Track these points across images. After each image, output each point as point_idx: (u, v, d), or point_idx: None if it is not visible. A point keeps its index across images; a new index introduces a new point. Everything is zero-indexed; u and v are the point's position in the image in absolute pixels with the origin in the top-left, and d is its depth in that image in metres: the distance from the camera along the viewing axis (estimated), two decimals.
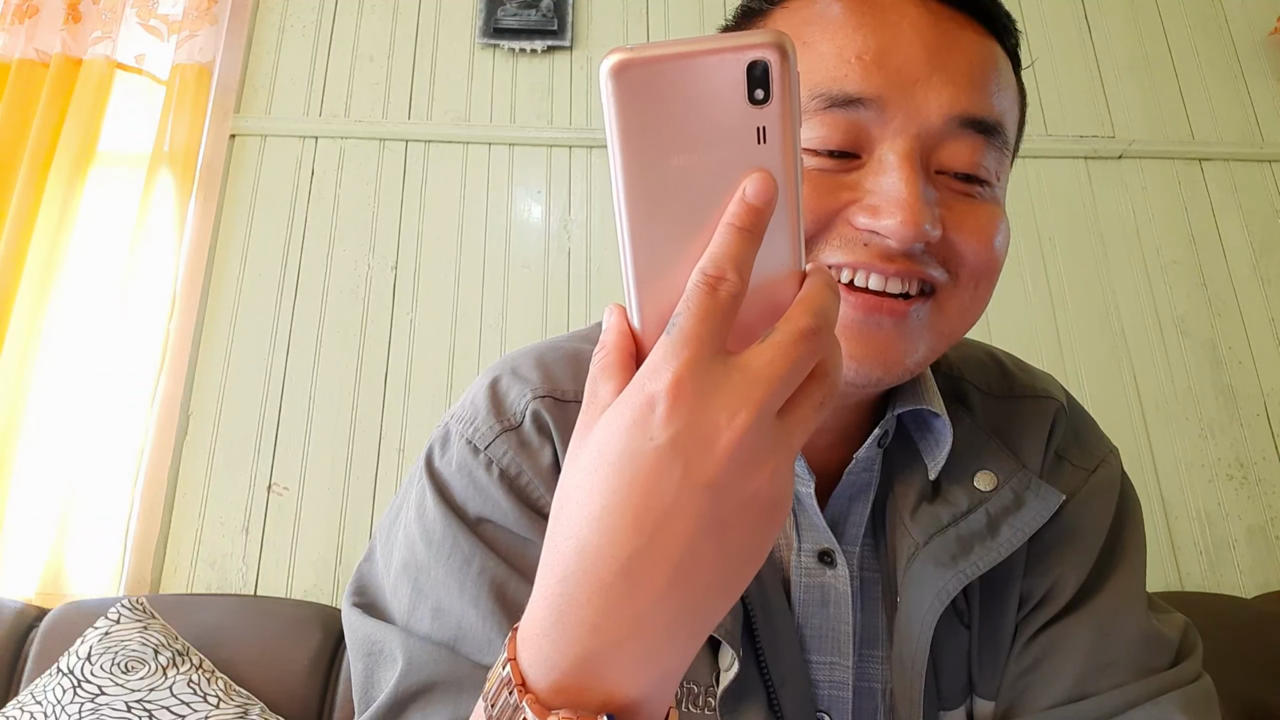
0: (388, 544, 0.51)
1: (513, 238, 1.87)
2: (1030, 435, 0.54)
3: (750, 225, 0.28)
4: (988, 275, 0.45)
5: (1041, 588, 0.50)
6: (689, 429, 0.27)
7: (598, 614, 0.28)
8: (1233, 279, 1.90)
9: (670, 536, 0.28)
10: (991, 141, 0.44)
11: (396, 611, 0.47)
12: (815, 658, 0.49)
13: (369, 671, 0.46)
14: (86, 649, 1.30)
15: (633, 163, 0.28)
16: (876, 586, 0.50)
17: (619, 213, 0.29)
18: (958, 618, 0.50)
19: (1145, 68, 2.05)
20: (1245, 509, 1.74)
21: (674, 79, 0.27)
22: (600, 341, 0.31)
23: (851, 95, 0.42)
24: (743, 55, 0.27)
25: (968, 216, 0.44)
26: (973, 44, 0.44)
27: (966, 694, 0.49)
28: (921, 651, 0.47)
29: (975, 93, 0.43)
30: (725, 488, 0.28)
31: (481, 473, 0.48)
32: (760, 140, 0.28)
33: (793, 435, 0.29)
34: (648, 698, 0.30)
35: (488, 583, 0.45)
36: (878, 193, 0.41)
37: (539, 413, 0.50)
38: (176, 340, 1.74)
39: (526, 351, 0.54)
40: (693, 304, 0.28)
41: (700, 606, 0.29)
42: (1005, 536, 0.48)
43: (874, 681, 0.49)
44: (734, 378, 0.28)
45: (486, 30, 1.98)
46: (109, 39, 1.88)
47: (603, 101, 0.28)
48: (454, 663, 0.44)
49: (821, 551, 0.50)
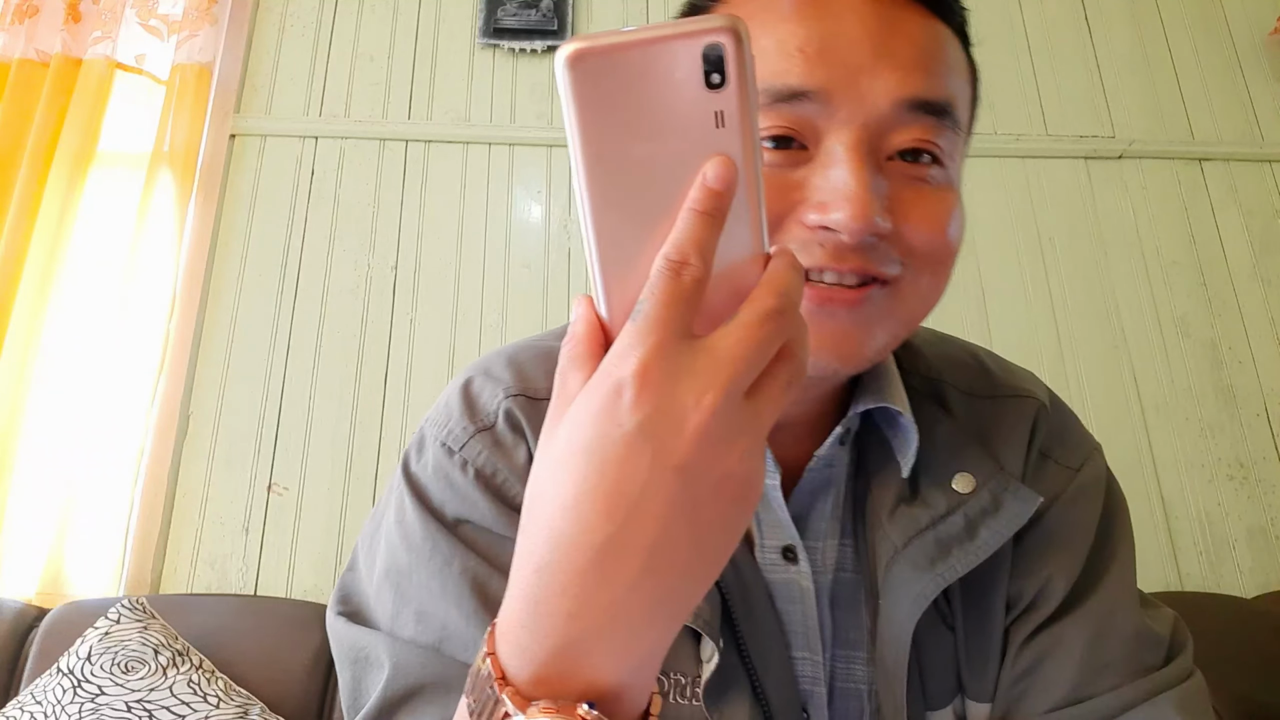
0: (370, 552, 0.51)
1: (513, 238, 1.87)
2: (1011, 436, 0.53)
3: (712, 209, 0.28)
4: (943, 262, 0.45)
5: (1031, 590, 0.50)
6: (657, 413, 0.27)
7: (574, 602, 0.28)
8: (1233, 279, 1.90)
9: (643, 521, 0.28)
10: (943, 122, 0.43)
11: (381, 617, 0.47)
12: (796, 653, 0.49)
13: (356, 678, 0.46)
14: (86, 649, 1.30)
15: (593, 152, 0.28)
16: (859, 588, 0.50)
17: (581, 203, 0.29)
18: (941, 619, 0.49)
19: (1145, 68, 2.05)
20: (1245, 509, 1.74)
21: (630, 67, 0.27)
22: (568, 332, 0.31)
23: (795, 89, 0.41)
24: (697, 40, 0.27)
25: (918, 205, 0.43)
26: (917, 27, 0.44)
27: (954, 694, 0.49)
28: (902, 654, 0.47)
29: (924, 76, 0.42)
30: (696, 469, 0.28)
31: (457, 474, 0.49)
32: (719, 124, 0.28)
33: (762, 415, 0.29)
34: (628, 684, 0.30)
35: (469, 582, 0.45)
36: (825, 188, 0.41)
37: (512, 411, 0.50)
38: (176, 340, 1.74)
39: (500, 352, 0.55)
40: (657, 289, 0.28)
41: (676, 590, 0.29)
42: (983, 539, 0.47)
43: (859, 683, 0.49)
44: (700, 360, 0.28)
45: (486, 30, 1.98)
46: (109, 39, 1.88)
47: (560, 92, 0.28)
48: (440, 664, 0.44)
49: (784, 547, 0.49)
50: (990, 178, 1.95)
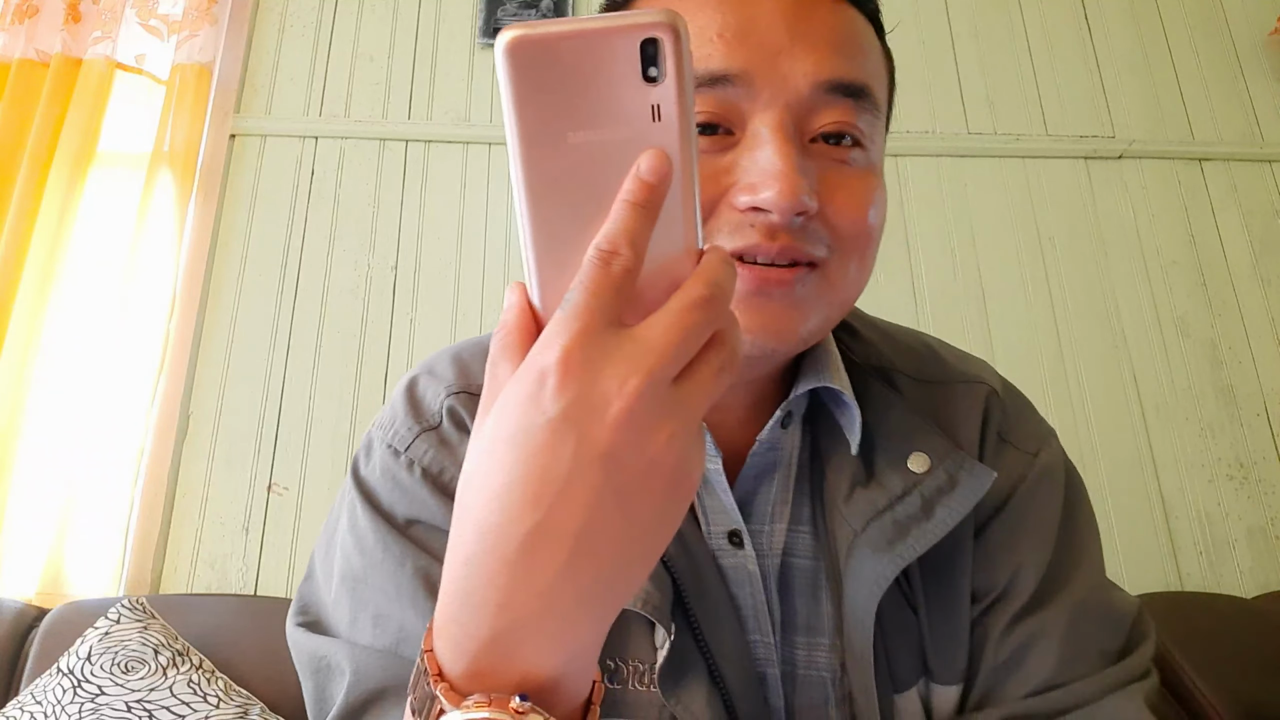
0: (326, 560, 0.51)
1: (513, 238, 1.87)
2: (963, 419, 0.53)
3: (645, 201, 0.28)
4: (867, 245, 0.46)
5: (1003, 578, 0.50)
6: (580, 399, 0.27)
7: (502, 592, 0.28)
8: (1233, 279, 1.90)
9: (568, 508, 0.27)
10: (861, 104, 0.44)
11: (339, 624, 0.47)
12: (750, 635, 0.49)
13: (319, 688, 0.46)
14: (86, 649, 1.30)
15: (529, 140, 0.28)
16: (820, 574, 0.50)
17: (517, 191, 0.29)
18: (905, 601, 0.49)
19: (1145, 68, 2.05)
20: (1245, 509, 1.74)
21: (568, 56, 0.27)
22: (500, 321, 0.31)
23: (717, 73, 0.42)
24: (635, 34, 0.27)
25: (841, 188, 0.44)
26: (830, 12, 0.45)
27: (918, 677, 0.49)
28: (866, 635, 0.47)
29: (839, 58, 0.43)
30: (620, 456, 0.27)
31: (404, 474, 0.49)
32: (655, 118, 0.28)
33: (690, 400, 0.29)
34: (563, 674, 0.30)
35: (423, 582, 0.45)
36: (753, 168, 0.41)
37: (454, 409, 0.50)
38: (176, 340, 1.74)
39: (444, 350, 0.55)
40: (586, 279, 0.28)
41: (608, 578, 0.29)
42: (940, 517, 0.47)
43: (821, 670, 0.49)
44: (626, 348, 0.28)
45: (486, 30, 1.98)
46: (109, 39, 1.88)
47: (498, 79, 0.28)
48: (400, 666, 0.44)
49: (730, 532, 0.49)
50: (990, 178, 1.95)
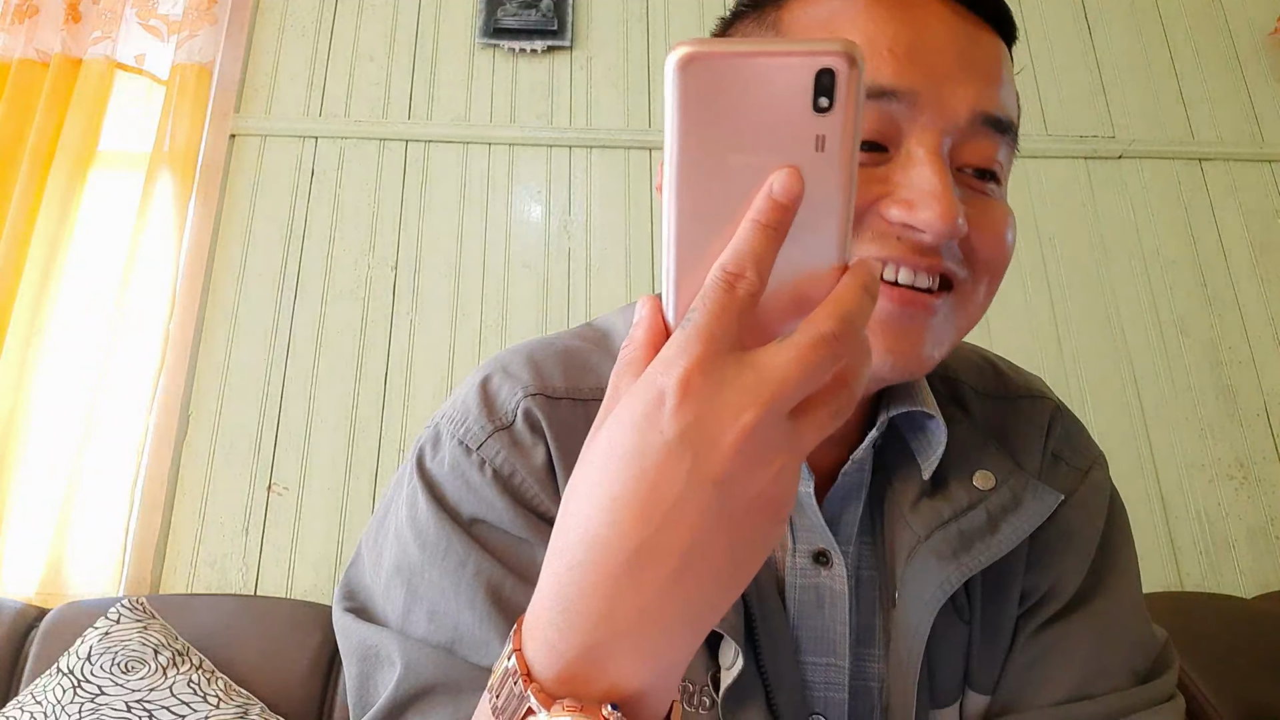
0: (375, 546, 0.50)
1: (513, 238, 1.87)
2: (1028, 435, 0.54)
3: (773, 222, 0.28)
4: (999, 272, 0.46)
5: (1044, 585, 0.51)
6: (697, 424, 0.27)
7: (604, 604, 0.28)
8: (1233, 279, 1.90)
9: (677, 529, 0.28)
10: (1005, 139, 0.45)
11: (390, 614, 0.47)
12: (810, 659, 0.49)
13: (365, 675, 0.46)
14: (86, 649, 1.30)
15: (688, 156, 0.28)
16: (874, 585, 0.50)
17: (668, 204, 0.29)
18: (956, 614, 0.50)
19: (1145, 68, 2.05)
20: (1245, 509, 1.74)
21: (739, 78, 0.27)
22: (629, 334, 0.31)
23: (884, 87, 0.42)
24: (812, 61, 0.27)
25: (984, 214, 0.44)
26: (990, 44, 0.45)
27: (959, 692, 0.49)
28: (919, 644, 0.47)
29: (995, 91, 0.44)
30: (732, 484, 0.28)
31: (475, 473, 0.48)
32: (819, 148, 0.28)
33: (803, 438, 0.29)
34: (651, 689, 0.30)
35: (484, 584, 0.45)
36: (910, 186, 0.41)
37: (530, 411, 0.49)
38: (176, 340, 1.74)
39: (518, 349, 0.54)
40: (709, 300, 0.28)
41: (705, 600, 0.29)
42: (1005, 534, 0.48)
43: (870, 680, 0.49)
44: (745, 376, 0.28)
45: (486, 30, 1.98)
46: (109, 39, 1.88)
47: (665, 92, 0.28)
48: (452, 665, 0.44)
49: (817, 552, 0.50)
50: None
